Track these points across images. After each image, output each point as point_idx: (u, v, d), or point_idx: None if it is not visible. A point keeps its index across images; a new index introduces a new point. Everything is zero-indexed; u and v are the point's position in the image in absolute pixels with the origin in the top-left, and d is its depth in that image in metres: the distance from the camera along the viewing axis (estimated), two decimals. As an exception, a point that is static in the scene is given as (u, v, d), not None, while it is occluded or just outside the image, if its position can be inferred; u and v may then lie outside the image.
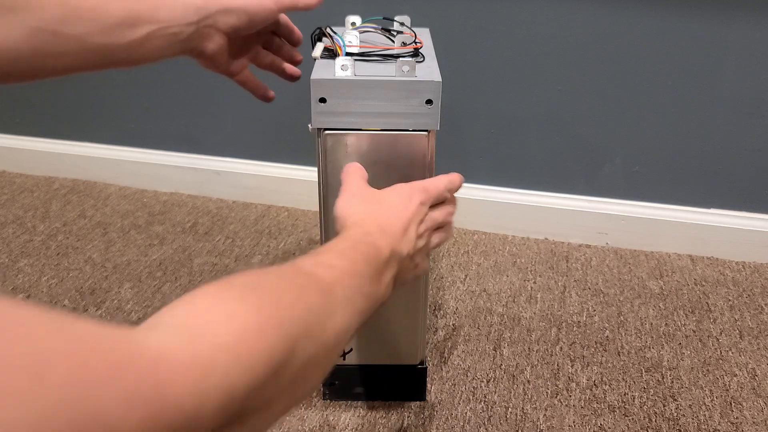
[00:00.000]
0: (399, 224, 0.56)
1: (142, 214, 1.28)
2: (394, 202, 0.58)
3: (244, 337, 0.34)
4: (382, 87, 0.64)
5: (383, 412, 0.81)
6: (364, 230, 0.54)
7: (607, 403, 0.82)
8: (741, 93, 1.03)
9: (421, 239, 0.58)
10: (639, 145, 1.11)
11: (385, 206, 0.58)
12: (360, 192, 0.60)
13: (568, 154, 1.14)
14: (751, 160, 1.08)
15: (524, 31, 1.07)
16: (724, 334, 0.94)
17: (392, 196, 0.59)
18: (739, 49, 1.01)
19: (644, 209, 1.14)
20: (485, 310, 1.00)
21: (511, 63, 1.10)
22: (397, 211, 0.57)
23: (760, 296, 1.03)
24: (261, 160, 1.30)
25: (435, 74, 0.65)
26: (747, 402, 0.83)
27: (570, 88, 1.09)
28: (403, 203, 0.58)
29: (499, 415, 0.81)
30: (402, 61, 0.64)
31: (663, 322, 0.97)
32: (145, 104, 1.33)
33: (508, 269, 1.10)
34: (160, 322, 0.33)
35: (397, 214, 0.57)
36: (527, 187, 1.18)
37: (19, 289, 1.04)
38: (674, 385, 0.85)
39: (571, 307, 1.00)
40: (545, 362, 0.89)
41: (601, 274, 1.09)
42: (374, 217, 0.56)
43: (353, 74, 0.64)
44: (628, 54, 1.05)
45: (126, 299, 1.02)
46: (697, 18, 1.00)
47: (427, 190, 0.61)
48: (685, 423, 0.79)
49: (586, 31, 1.05)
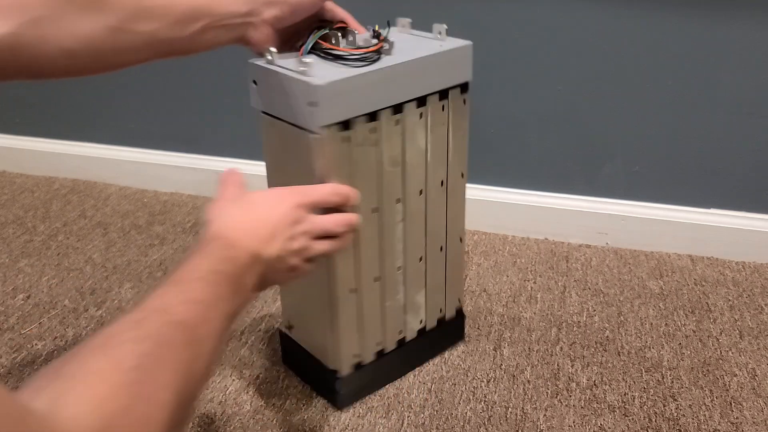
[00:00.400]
0: (265, 227, 0.58)
1: (142, 214, 1.28)
2: (262, 206, 0.61)
3: (146, 420, 0.39)
4: (282, 80, 0.67)
5: (383, 412, 0.81)
6: (224, 242, 0.56)
7: (607, 403, 0.82)
8: (741, 93, 1.04)
9: (294, 241, 0.60)
10: (639, 145, 1.11)
11: (252, 209, 0.60)
12: (230, 196, 0.62)
13: (568, 154, 1.14)
14: (751, 160, 1.08)
15: (524, 31, 1.07)
16: (724, 334, 0.94)
17: (262, 200, 0.62)
18: (739, 49, 1.01)
19: (644, 209, 1.14)
20: (485, 310, 1.00)
21: (511, 63, 1.10)
22: (264, 214, 0.59)
23: (760, 296, 1.03)
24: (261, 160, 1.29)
25: (326, 78, 0.64)
26: (747, 402, 0.83)
27: (570, 88, 1.09)
28: (273, 206, 0.60)
29: (499, 415, 0.81)
30: (300, 61, 0.65)
31: (663, 322, 0.97)
32: (145, 104, 1.33)
33: (508, 269, 1.10)
34: (69, 414, 0.35)
35: (264, 216, 0.59)
36: (527, 187, 1.19)
37: (19, 289, 1.04)
38: (674, 385, 0.85)
39: (571, 307, 1.01)
40: (545, 362, 0.89)
41: (601, 274, 1.09)
42: (239, 222, 0.58)
43: (274, 65, 0.68)
44: (628, 54, 1.05)
45: (126, 299, 1.02)
46: (697, 18, 1.00)
47: (305, 193, 0.63)
48: (685, 423, 0.79)
49: (586, 31, 1.05)
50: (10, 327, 0.96)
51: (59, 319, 0.98)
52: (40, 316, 0.98)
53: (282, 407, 0.82)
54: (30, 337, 0.94)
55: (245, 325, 0.96)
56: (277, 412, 0.81)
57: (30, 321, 0.97)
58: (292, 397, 0.83)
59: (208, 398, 0.83)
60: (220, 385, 0.85)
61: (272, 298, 1.01)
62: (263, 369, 0.88)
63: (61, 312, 0.99)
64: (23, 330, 0.95)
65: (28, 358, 0.90)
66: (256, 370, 0.88)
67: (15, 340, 0.93)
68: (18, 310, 1.00)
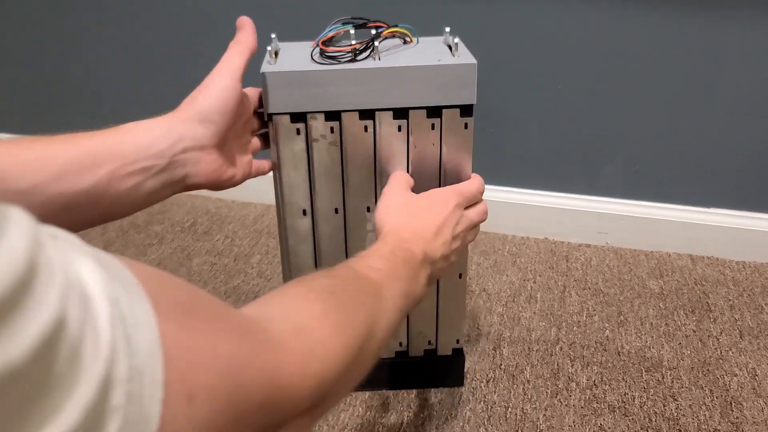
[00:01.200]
0: (432, 229, 0.60)
1: (140, 214, 1.27)
2: (427, 208, 0.62)
3: (333, 334, 0.40)
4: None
5: (383, 412, 0.81)
6: (399, 237, 0.58)
7: (607, 403, 0.82)
8: (741, 93, 1.03)
9: (456, 240, 0.63)
10: (639, 145, 1.10)
11: (418, 212, 0.62)
12: (397, 200, 0.64)
13: (568, 154, 1.14)
14: (751, 160, 1.07)
15: (524, 31, 1.07)
16: (724, 334, 0.94)
17: (426, 202, 0.63)
18: (739, 49, 1.01)
19: (644, 209, 1.14)
20: (485, 309, 1.00)
21: (511, 63, 1.10)
22: (430, 217, 0.61)
23: (760, 296, 1.03)
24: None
25: (276, 68, 0.67)
26: (747, 402, 0.82)
27: (570, 88, 1.09)
28: (436, 209, 0.62)
29: (499, 415, 0.80)
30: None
31: (663, 322, 0.97)
32: (145, 105, 1.33)
33: (508, 269, 1.10)
34: (269, 317, 0.38)
35: (431, 220, 0.61)
36: (527, 186, 1.18)
37: (18, 289, 1.04)
38: (674, 385, 0.85)
39: (571, 306, 1.00)
40: (545, 362, 0.89)
41: (601, 273, 1.09)
42: (409, 224, 0.60)
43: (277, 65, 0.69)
44: (628, 54, 1.05)
45: (125, 299, 1.02)
46: (697, 18, 1.00)
47: (461, 193, 0.65)
48: (685, 423, 0.79)
49: (586, 31, 1.05)
50: (8, 326, 0.96)
51: (58, 318, 0.97)
52: (38, 315, 0.98)
53: (281, 407, 0.81)
54: (29, 337, 0.93)
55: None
56: (276, 412, 0.81)
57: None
58: (291, 397, 0.83)
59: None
60: (219, 384, 0.85)
61: (271, 297, 1.01)
62: (262, 369, 0.88)
63: (59, 311, 0.99)
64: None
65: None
66: (255, 370, 0.87)
67: (13, 340, 0.93)
68: (17, 310, 0.99)
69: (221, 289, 1.03)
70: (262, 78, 0.66)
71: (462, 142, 0.70)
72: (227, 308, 0.34)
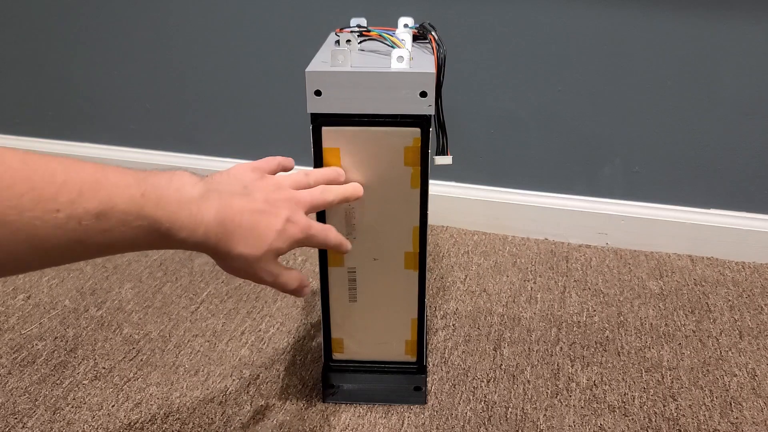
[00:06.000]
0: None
1: (142, 214, 1.27)
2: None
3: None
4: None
5: (383, 413, 0.81)
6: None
7: (607, 403, 0.82)
8: (741, 93, 1.04)
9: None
10: (639, 145, 1.11)
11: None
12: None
13: (568, 155, 1.14)
14: (751, 160, 1.08)
15: (524, 31, 1.07)
16: (724, 334, 0.94)
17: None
18: (739, 49, 1.01)
19: (644, 209, 1.14)
20: (485, 310, 1.00)
21: (511, 63, 1.10)
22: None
23: (760, 296, 1.03)
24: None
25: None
26: (747, 402, 0.83)
27: (570, 88, 1.09)
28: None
29: (499, 415, 0.81)
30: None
31: (663, 322, 0.97)
32: (145, 104, 1.33)
33: (508, 269, 1.10)
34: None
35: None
36: (527, 187, 1.19)
37: (19, 290, 1.04)
38: (674, 385, 0.85)
39: (571, 307, 1.01)
40: (545, 362, 0.89)
41: (601, 274, 1.09)
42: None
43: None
44: (628, 54, 1.05)
45: (127, 299, 1.02)
46: (698, 18, 1.00)
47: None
48: (685, 423, 0.79)
49: (586, 31, 1.05)
50: (10, 327, 0.96)
51: (59, 319, 0.98)
52: (40, 316, 0.98)
53: (282, 407, 0.82)
54: (30, 337, 0.94)
55: (245, 325, 0.96)
56: (277, 412, 0.81)
57: (30, 321, 0.97)
58: (292, 397, 0.83)
59: (208, 398, 0.83)
60: (220, 385, 0.85)
61: (272, 298, 1.01)
62: (263, 369, 0.88)
63: (61, 312, 0.99)
64: (23, 330, 0.95)
65: (29, 358, 0.90)
66: (256, 370, 0.88)
67: (15, 340, 0.93)
68: (18, 310, 1.00)
69: (223, 290, 1.03)
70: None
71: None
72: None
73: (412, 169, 0.69)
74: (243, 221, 0.53)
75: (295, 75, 1.19)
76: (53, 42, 1.32)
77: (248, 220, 0.53)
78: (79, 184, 0.43)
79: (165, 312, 0.99)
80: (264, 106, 1.25)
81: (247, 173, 0.58)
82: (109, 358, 0.90)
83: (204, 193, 0.50)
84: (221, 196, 0.52)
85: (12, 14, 1.32)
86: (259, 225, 0.54)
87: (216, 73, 1.24)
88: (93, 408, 0.81)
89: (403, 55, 0.64)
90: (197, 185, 0.51)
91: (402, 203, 0.71)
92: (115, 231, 0.44)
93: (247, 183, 0.56)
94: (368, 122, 0.66)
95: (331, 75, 0.64)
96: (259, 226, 0.54)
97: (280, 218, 0.55)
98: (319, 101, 0.65)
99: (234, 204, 0.52)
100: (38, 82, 1.38)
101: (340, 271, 0.75)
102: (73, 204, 0.42)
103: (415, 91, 0.64)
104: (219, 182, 0.54)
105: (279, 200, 0.57)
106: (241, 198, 0.54)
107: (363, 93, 0.65)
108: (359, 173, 0.69)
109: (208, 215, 0.50)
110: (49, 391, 0.84)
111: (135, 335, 0.94)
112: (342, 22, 0.80)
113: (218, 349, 0.92)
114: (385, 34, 0.72)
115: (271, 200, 0.56)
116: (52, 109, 1.39)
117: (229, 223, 0.51)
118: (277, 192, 0.57)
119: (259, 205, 0.55)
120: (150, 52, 1.27)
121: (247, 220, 0.53)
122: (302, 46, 1.16)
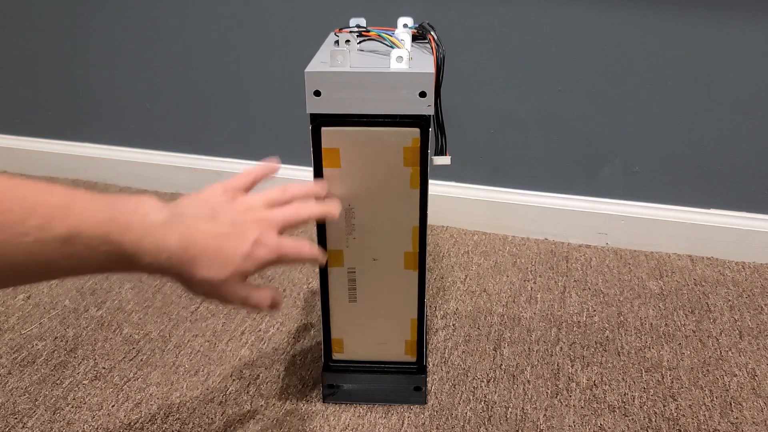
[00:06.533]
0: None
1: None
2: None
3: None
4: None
5: (383, 413, 0.81)
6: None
7: (607, 403, 0.82)
8: (740, 93, 1.04)
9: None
10: (639, 145, 1.11)
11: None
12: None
13: (568, 155, 1.14)
14: (751, 160, 1.08)
15: (524, 31, 1.07)
16: (724, 334, 0.94)
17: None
18: (738, 49, 1.01)
19: (644, 209, 1.15)
20: (485, 310, 1.00)
21: (511, 63, 1.10)
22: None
23: (760, 296, 1.03)
24: (261, 160, 1.30)
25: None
26: (747, 402, 0.83)
27: (570, 88, 1.09)
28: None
29: (499, 415, 0.81)
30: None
31: (663, 322, 0.97)
32: (145, 104, 1.33)
33: (508, 269, 1.10)
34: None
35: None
36: (527, 187, 1.19)
37: (19, 289, 1.04)
38: (674, 385, 0.85)
39: (571, 307, 1.01)
40: (545, 362, 0.89)
41: (601, 274, 1.09)
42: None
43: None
44: (628, 54, 1.05)
45: (127, 300, 1.02)
46: (697, 18, 1.00)
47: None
48: (685, 423, 0.79)
49: (586, 31, 1.05)
50: (10, 327, 0.96)
51: (59, 319, 0.98)
52: (40, 316, 0.98)
53: (282, 407, 0.82)
54: (30, 337, 0.94)
55: (245, 325, 0.96)
56: (277, 412, 0.81)
57: (30, 321, 0.97)
58: (291, 397, 0.83)
59: (208, 398, 0.83)
60: (220, 385, 0.85)
61: (272, 298, 1.01)
62: (263, 369, 0.88)
63: (61, 312, 0.99)
64: (23, 330, 0.95)
65: (29, 358, 0.90)
66: (256, 370, 0.88)
67: (15, 340, 0.93)
68: (18, 310, 1.00)
69: (222, 290, 1.03)
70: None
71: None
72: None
73: (412, 169, 0.69)
74: (207, 245, 0.52)
75: (294, 75, 1.19)
76: (53, 42, 1.32)
77: (213, 244, 0.53)
78: (49, 210, 0.43)
79: (165, 312, 0.99)
80: (264, 106, 1.25)
81: (217, 196, 0.57)
82: (109, 358, 0.90)
83: (168, 218, 0.51)
84: (186, 221, 0.52)
85: (12, 14, 1.32)
86: (224, 249, 0.53)
87: (216, 73, 1.24)
88: (93, 408, 0.81)
89: (403, 55, 0.64)
90: (162, 211, 0.51)
91: (401, 203, 0.71)
92: (81, 255, 0.45)
93: (215, 205, 0.56)
94: (367, 122, 0.66)
95: (330, 75, 0.64)
96: (224, 249, 0.53)
97: (247, 241, 0.55)
98: (318, 101, 0.65)
99: (199, 228, 0.53)
100: (38, 82, 1.38)
101: (339, 271, 0.75)
102: (41, 229, 0.43)
103: (414, 91, 0.64)
104: (186, 206, 0.54)
105: (247, 222, 0.56)
106: (208, 222, 0.54)
107: (362, 93, 0.65)
108: (358, 173, 0.69)
109: (172, 241, 0.50)
110: (49, 391, 0.84)
111: (135, 335, 0.94)
112: (341, 22, 0.80)
113: (218, 349, 0.92)
114: (385, 34, 0.72)
115: (238, 222, 0.55)
116: (52, 109, 1.40)
117: (191, 248, 0.51)
118: (246, 213, 0.57)
119: (226, 229, 0.54)
120: (150, 52, 1.27)
121: (212, 245, 0.53)
122: (302, 46, 1.16)
